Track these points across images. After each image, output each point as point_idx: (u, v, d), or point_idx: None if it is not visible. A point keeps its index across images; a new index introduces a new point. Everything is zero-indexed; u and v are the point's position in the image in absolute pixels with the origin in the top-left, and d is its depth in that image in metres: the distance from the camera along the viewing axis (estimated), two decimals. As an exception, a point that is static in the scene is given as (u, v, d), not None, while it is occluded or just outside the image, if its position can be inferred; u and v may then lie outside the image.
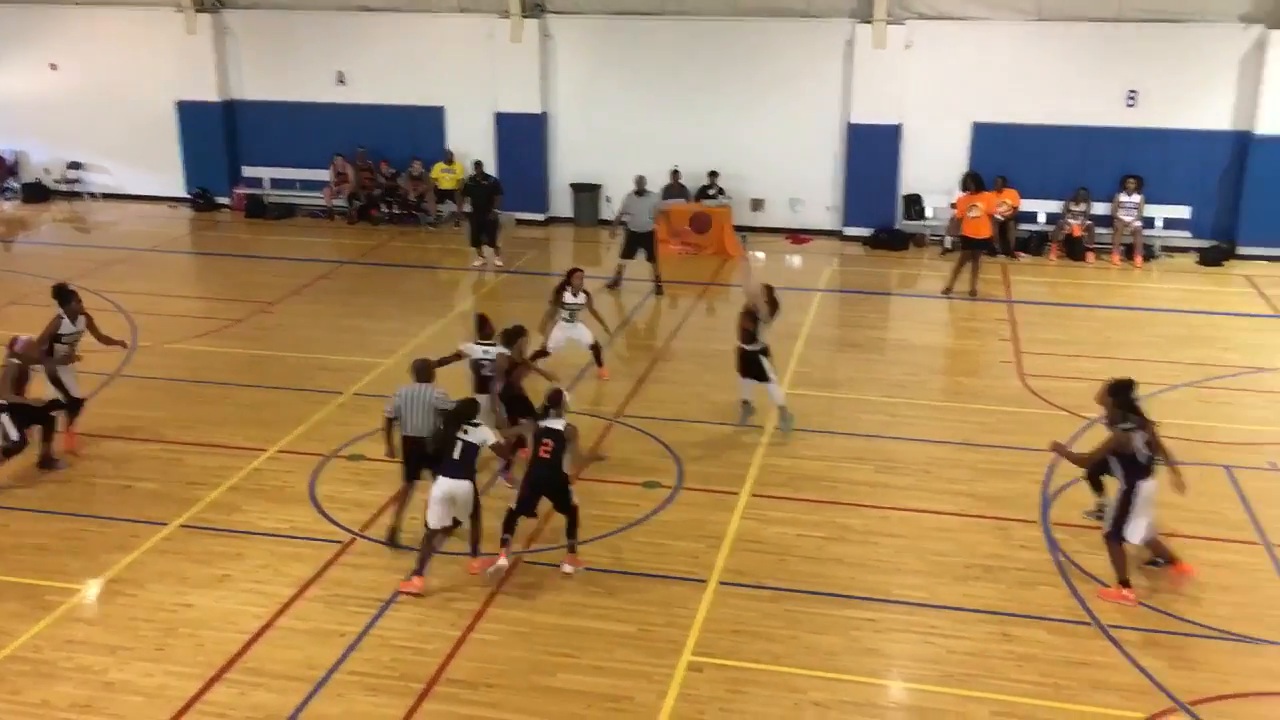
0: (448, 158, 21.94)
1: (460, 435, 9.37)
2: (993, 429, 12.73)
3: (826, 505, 10.99)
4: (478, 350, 11.30)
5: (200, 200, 23.22)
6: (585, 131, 21.86)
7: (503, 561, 9.56)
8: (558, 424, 9.55)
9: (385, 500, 10.77)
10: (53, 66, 23.54)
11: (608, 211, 21.67)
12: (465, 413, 9.53)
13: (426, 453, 9.84)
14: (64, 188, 24.05)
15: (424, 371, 10.13)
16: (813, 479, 11.54)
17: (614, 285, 17.87)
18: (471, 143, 21.91)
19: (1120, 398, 9.44)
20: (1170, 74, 19.50)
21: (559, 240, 21.52)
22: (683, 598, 9.38)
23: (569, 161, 22.09)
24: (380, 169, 22.14)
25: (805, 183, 21.35)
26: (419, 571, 9.36)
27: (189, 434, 12.40)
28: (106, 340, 12.59)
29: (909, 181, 20.92)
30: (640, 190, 17.91)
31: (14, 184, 23.90)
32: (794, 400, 12.88)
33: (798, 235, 21.42)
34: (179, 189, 23.51)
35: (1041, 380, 14.15)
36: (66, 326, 12.00)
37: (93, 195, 24.02)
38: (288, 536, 10.28)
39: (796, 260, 20.42)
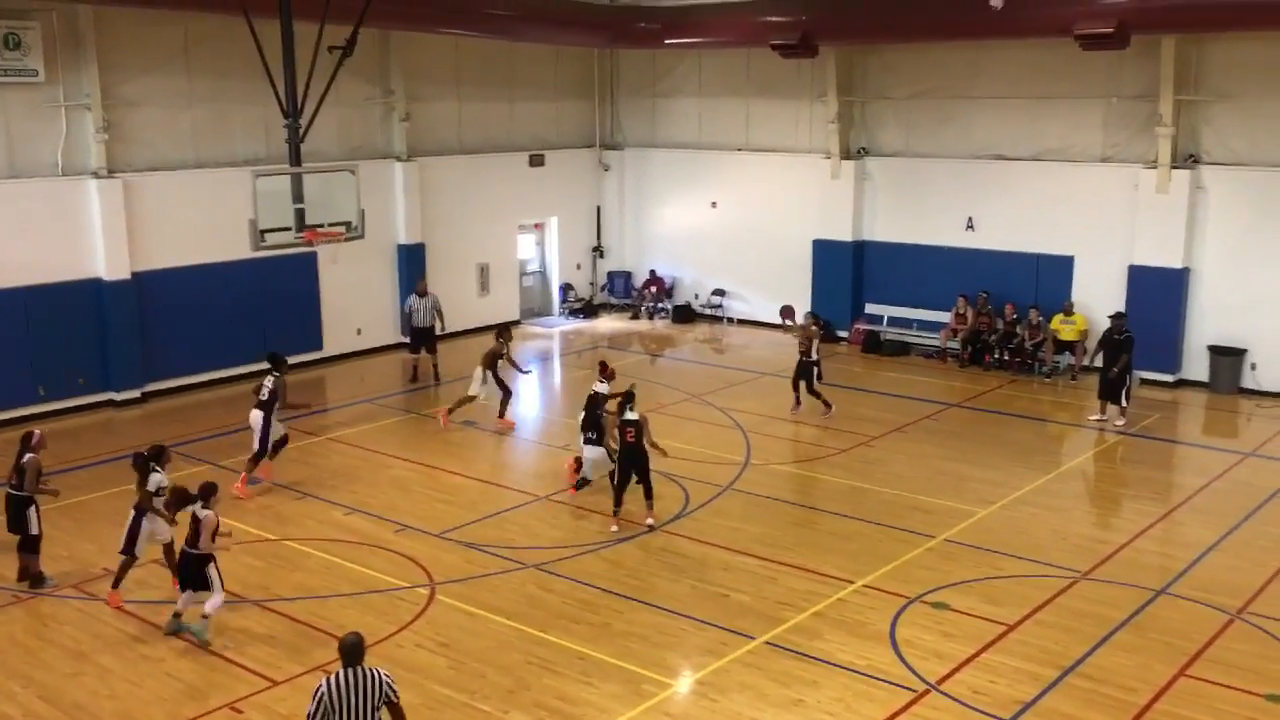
0: (1067, 309, 21.17)
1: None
2: None
3: None
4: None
5: (822, 332, 24.53)
6: (1233, 291, 19.92)
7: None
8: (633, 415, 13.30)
9: (966, 655, 10.43)
10: (713, 204, 26.53)
11: (1250, 380, 19.64)
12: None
13: None
14: (708, 311, 26.81)
15: (356, 651, 7.13)
16: None
17: (414, 379, 21.32)
18: (1098, 294, 20.97)
19: None
20: None
21: (1189, 406, 19.68)
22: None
23: (1210, 322, 20.24)
24: (1005, 313, 21.86)
25: None
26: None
27: (783, 554, 12.97)
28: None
29: None
30: (422, 293, 21.16)
31: (667, 305, 27.07)
32: None
33: None
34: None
35: None
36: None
37: (729, 320, 26.48)
38: (863, 674, 10.27)
39: None
